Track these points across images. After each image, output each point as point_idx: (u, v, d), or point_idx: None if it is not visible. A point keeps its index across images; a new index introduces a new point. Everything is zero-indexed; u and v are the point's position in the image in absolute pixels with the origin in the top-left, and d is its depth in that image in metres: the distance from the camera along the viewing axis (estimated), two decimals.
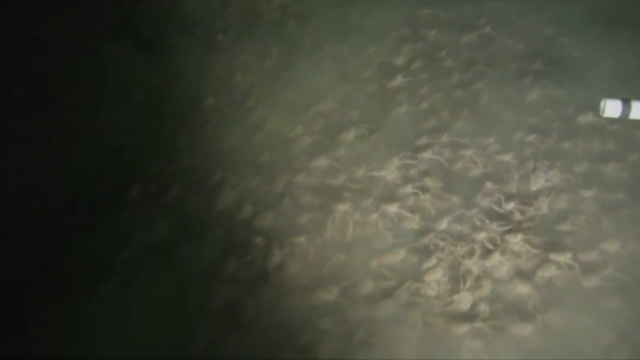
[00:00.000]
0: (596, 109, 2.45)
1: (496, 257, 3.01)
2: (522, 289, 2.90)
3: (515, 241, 3.08)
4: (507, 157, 3.48)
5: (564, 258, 2.98)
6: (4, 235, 3.41)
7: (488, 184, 3.35)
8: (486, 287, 2.91)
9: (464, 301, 2.87)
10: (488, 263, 3.00)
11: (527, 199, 3.28)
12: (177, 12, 4.90)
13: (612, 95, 2.16)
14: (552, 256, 3.00)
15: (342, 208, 3.32)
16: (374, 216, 3.28)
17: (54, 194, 3.61)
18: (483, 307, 2.85)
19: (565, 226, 3.13)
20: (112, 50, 4.54)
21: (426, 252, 3.10)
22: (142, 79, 4.31)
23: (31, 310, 3.07)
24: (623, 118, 2.16)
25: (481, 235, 3.12)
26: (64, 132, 3.99)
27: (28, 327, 2.99)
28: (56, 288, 3.14)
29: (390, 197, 3.36)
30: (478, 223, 3.19)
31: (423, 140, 3.65)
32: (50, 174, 3.71)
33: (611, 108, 2.15)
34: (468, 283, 2.93)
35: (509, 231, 3.13)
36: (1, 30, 4.78)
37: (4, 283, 3.19)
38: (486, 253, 3.05)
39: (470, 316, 2.83)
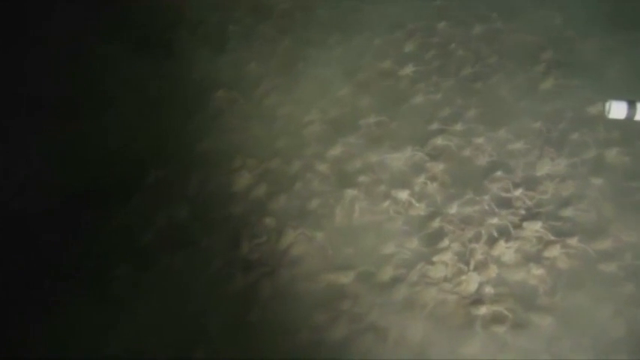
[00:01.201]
0: (604, 99, 2.51)
1: (504, 241, 3.09)
2: (536, 272, 2.97)
3: (525, 226, 3.15)
4: (518, 145, 3.56)
5: (572, 242, 3.05)
6: (21, 223, 3.40)
7: (499, 172, 3.43)
8: (493, 270, 2.98)
9: (471, 281, 2.94)
10: (495, 247, 3.07)
11: (535, 184, 3.36)
12: (189, 4, 4.91)
13: (620, 89, 2.15)
14: (561, 240, 3.07)
15: (354, 193, 3.39)
16: (386, 202, 3.35)
17: (69, 183, 3.59)
18: (488, 290, 2.93)
19: (573, 212, 3.21)
20: (119, 45, 4.53)
21: (436, 236, 3.17)
22: (154, 72, 4.32)
23: (47, 295, 3.09)
24: (629, 120, 2.16)
25: (491, 220, 3.20)
26: (76, 127, 3.93)
27: (45, 313, 3.00)
28: (72, 274, 3.16)
29: (401, 184, 3.43)
30: (487, 208, 3.26)
31: (434, 127, 3.73)
32: (63, 165, 3.70)
33: (617, 109, 2.14)
34: (473, 264, 3.02)
35: (519, 216, 3.22)
36: (6, 29, 4.71)
37: (21, 269, 3.19)
38: (494, 237, 3.13)
39: (479, 299, 2.90)
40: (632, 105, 2.13)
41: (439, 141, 3.62)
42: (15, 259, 3.24)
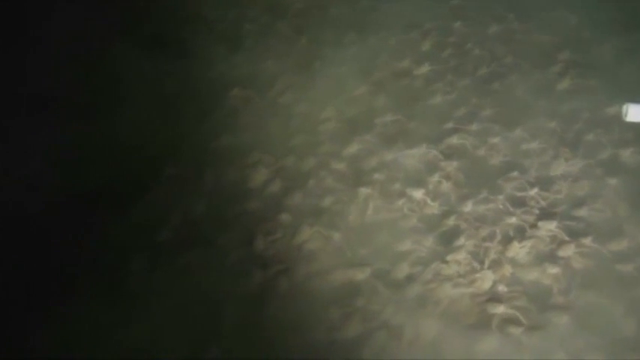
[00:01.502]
0: (621, 100, 2.50)
1: (518, 241, 3.09)
2: (550, 271, 2.97)
3: (540, 225, 3.15)
4: (533, 145, 3.56)
5: (587, 242, 3.05)
6: (27, 223, 3.38)
7: (514, 172, 3.43)
8: (507, 269, 2.98)
9: (486, 280, 2.94)
10: (510, 246, 3.08)
11: (549, 184, 3.36)
12: (204, 2, 4.94)
13: (637, 91, 2.14)
14: (575, 240, 3.07)
15: (369, 191, 3.40)
16: (400, 200, 3.36)
17: (82, 182, 3.59)
18: (502, 288, 2.93)
19: (587, 212, 3.21)
20: (133, 43, 4.53)
21: (451, 234, 3.18)
22: (168, 70, 4.33)
23: (51, 295, 3.06)
24: None
25: (506, 219, 3.21)
26: (90, 126, 3.91)
27: (47, 313, 2.98)
28: (82, 273, 3.15)
29: (416, 182, 3.44)
30: (501, 207, 3.27)
31: (450, 126, 3.74)
32: (74, 164, 3.70)
33: (634, 112, 2.14)
34: (487, 263, 3.02)
35: (534, 216, 3.22)
36: (6, 29, 4.69)
37: (23, 269, 3.17)
38: (509, 236, 3.13)
39: (494, 297, 2.90)
40: None
41: (454, 140, 3.63)
42: (17, 259, 3.21)
